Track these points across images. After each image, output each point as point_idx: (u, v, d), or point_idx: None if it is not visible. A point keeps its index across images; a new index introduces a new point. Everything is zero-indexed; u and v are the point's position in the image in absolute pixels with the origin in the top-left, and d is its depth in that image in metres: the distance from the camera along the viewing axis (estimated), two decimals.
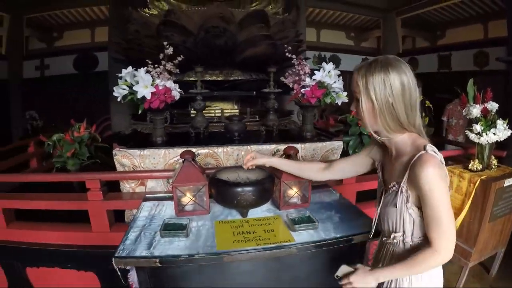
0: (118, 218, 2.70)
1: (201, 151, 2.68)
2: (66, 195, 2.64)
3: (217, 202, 1.87)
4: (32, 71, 8.54)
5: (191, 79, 3.92)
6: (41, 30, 8.56)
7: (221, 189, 1.78)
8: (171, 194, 1.94)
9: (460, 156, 3.41)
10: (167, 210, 1.97)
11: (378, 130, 1.30)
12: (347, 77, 2.05)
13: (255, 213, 1.90)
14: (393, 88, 1.20)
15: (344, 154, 3.11)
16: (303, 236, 1.64)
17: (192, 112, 3.97)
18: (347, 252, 1.69)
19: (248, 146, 2.77)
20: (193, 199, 1.86)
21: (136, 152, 2.61)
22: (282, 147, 2.78)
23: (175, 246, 1.55)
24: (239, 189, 1.72)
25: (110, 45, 6.38)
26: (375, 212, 1.47)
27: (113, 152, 2.62)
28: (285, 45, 4.26)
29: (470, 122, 2.99)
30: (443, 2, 7.99)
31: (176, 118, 3.83)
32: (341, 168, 1.70)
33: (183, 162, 1.85)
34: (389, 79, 1.20)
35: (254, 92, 3.96)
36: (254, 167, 1.81)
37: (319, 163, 1.79)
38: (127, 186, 2.69)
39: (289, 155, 1.98)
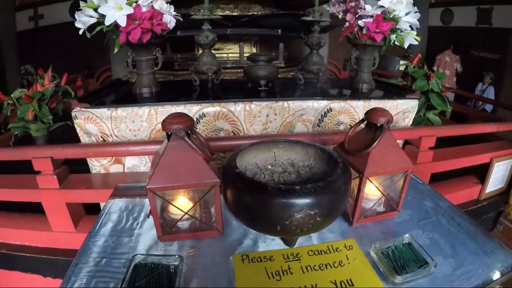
0: (91, 208, 1.90)
1: (209, 110, 1.73)
2: (12, 178, 1.88)
3: (236, 216, 0.96)
4: (26, 22, 8.02)
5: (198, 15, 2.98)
6: None
7: (249, 200, 0.85)
8: None
9: None
10: (148, 223, 1.07)
11: None
12: None
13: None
14: None
15: None
16: None
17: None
18: None
19: (285, 102, 1.81)
20: (191, 212, 0.94)
21: (105, 112, 1.67)
22: (336, 104, 1.85)
23: None
24: (292, 202, 0.80)
25: None
26: None
27: (72, 114, 1.70)
28: None
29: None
30: None
31: (178, 64, 2.88)
32: None
33: (168, 138, 0.90)
34: None
35: (280, 31, 2.95)
36: None
37: None
38: (96, 165, 1.80)
39: (377, 125, 1.02)
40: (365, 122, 1.08)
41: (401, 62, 7.25)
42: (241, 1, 3.18)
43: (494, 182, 2.47)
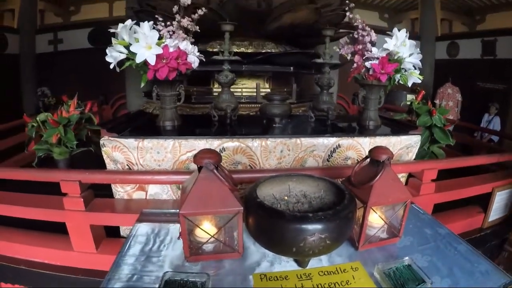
0: (110, 231, 2.02)
1: (228, 145, 1.87)
2: (38, 198, 1.96)
3: (256, 240, 1.08)
4: (45, 45, 8.22)
5: (215, 50, 3.14)
6: (57, 4, 8.25)
7: (269, 225, 0.98)
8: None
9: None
10: (174, 245, 1.19)
11: None
12: None
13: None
14: None
15: None
16: None
17: (215, 89, 3.17)
18: None
19: (298, 139, 1.95)
20: (216, 236, 1.06)
21: (132, 142, 1.82)
22: (344, 141, 1.99)
23: None
24: (306, 227, 0.93)
25: (126, 15, 5.86)
26: None
27: (101, 142, 1.85)
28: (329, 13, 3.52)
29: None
30: None
31: (195, 97, 3.04)
32: None
33: (199, 170, 1.04)
34: None
35: (292, 68, 3.12)
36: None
37: None
38: (120, 191, 1.93)
39: (379, 162, 1.15)
40: (369, 158, 1.21)
41: (408, 96, 7.40)
42: (255, 38, 3.37)
43: (497, 210, 2.53)
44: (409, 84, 2.29)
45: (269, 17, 3.17)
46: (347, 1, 3.72)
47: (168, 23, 2.00)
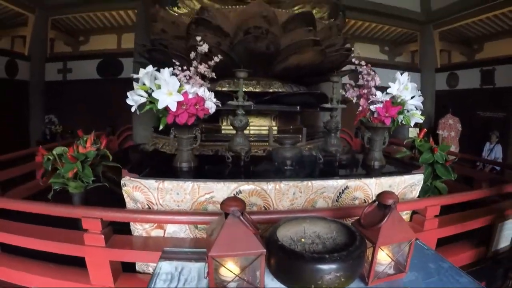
0: (126, 266, 2.06)
1: (245, 188, 1.97)
2: (57, 232, 2.03)
3: (276, 277, 1.19)
4: (55, 73, 8.35)
5: (224, 89, 3.30)
6: (67, 33, 8.42)
7: (289, 265, 1.11)
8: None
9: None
10: (198, 283, 1.29)
11: None
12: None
13: None
14: None
15: None
16: None
17: (224, 127, 3.30)
18: None
19: (309, 182, 2.06)
20: (240, 275, 1.16)
21: (153, 183, 1.93)
22: (352, 183, 2.10)
23: None
24: (324, 267, 1.06)
25: (135, 50, 6.06)
26: None
27: (122, 182, 1.96)
28: (333, 54, 3.69)
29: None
30: (483, 14, 7.54)
31: (204, 135, 3.18)
32: None
33: (226, 216, 1.15)
34: None
35: (298, 107, 3.27)
36: None
37: None
38: (139, 228, 2.02)
39: (386, 206, 1.27)
40: (377, 202, 1.33)
41: (411, 130, 7.55)
42: (262, 77, 3.53)
43: (500, 241, 2.59)
44: (412, 124, 2.43)
45: (276, 58, 3.34)
46: (348, 41, 3.94)
47: (185, 67, 2.13)
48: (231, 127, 3.13)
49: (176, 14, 3.81)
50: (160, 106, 1.90)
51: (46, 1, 7.52)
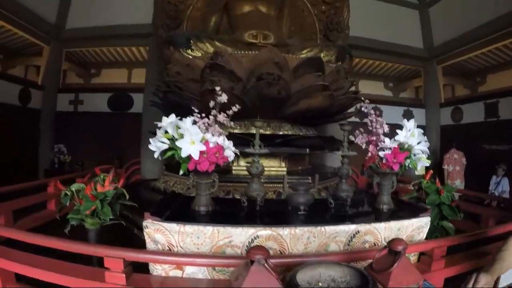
0: None
1: (262, 233, 2.07)
2: (78, 268, 2.08)
3: None
4: (66, 104, 8.45)
5: (236, 131, 3.43)
6: (80, 65, 8.61)
7: None
8: None
9: None
10: None
11: None
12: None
13: None
14: None
15: None
16: None
17: (234, 167, 3.42)
18: None
19: (322, 227, 2.16)
20: None
21: (174, 227, 2.03)
22: (362, 227, 2.21)
23: None
24: None
25: (146, 87, 6.26)
26: None
27: (144, 224, 2.06)
28: (341, 97, 3.83)
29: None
30: (484, 47, 7.59)
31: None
32: None
33: (251, 264, 1.26)
34: None
35: (308, 150, 3.40)
36: None
37: None
38: (158, 268, 2.10)
39: (396, 252, 1.39)
40: (388, 248, 1.46)
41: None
42: (272, 120, 3.67)
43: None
44: (418, 168, 2.56)
45: (287, 103, 3.49)
46: (355, 83, 4.09)
47: (203, 114, 2.28)
48: (241, 167, 3.26)
49: (190, 57, 3.98)
50: (184, 154, 2.03)
51: (62, 34, 7.74)
